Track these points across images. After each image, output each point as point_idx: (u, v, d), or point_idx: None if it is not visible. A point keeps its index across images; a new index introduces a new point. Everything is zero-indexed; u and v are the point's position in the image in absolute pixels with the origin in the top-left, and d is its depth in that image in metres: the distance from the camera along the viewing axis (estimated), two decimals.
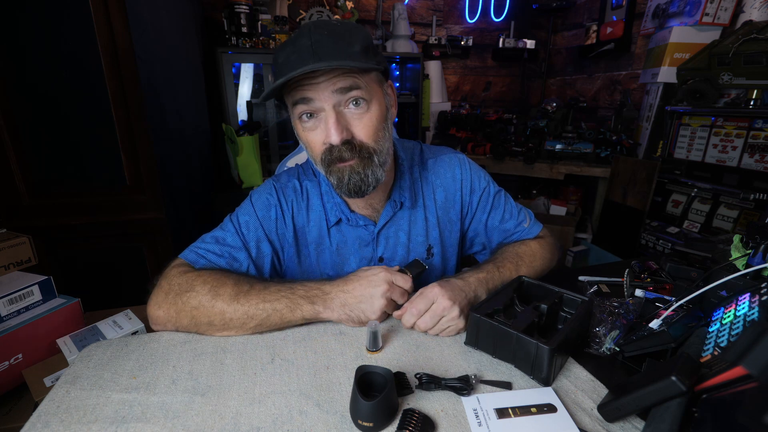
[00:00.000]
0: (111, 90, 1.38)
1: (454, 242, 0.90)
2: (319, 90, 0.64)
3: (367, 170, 0.68)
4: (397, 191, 0.82)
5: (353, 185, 0.69)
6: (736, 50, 1.59)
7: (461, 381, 0.55)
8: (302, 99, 0.66)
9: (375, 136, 0.69)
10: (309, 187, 0.83)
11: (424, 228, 0.86)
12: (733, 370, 0.41)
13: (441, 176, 0.87)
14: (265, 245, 0.79)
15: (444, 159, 0.88)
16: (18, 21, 1.27)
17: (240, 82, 2.43)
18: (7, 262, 0.99)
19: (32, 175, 1.40)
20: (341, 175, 0.69)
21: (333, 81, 0.64)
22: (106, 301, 1.15)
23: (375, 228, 0.82)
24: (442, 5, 3.02)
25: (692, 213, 1.90)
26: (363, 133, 0.68)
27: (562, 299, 0.70)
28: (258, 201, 0.80)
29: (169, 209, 1.56)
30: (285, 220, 0.80)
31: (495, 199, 0.90)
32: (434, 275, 0.89)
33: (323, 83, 0.64)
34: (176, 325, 0.68)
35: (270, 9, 2.44)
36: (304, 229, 0.82)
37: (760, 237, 0.70)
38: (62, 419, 0.51)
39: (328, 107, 0.65)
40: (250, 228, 0.78)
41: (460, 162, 0.88)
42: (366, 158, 0.68)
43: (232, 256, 0.76)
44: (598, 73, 2.82)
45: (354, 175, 0.68)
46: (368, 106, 0.67)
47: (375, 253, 0.84)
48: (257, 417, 0.52)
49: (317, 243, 0.83)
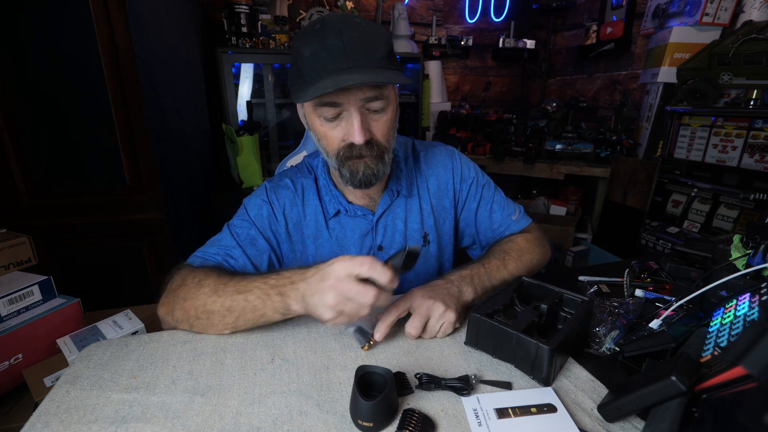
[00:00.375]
0: (111, 90, 1.38)
1: (449, 230, 0.93)
2: (349, 96, 0.67)
3: (378, 166, 0.73)
4: (394, 181, 0.86)
5: (365, 178, 0.73)
6: (736, 50, 1.59)
7: (461, 381, 0.55)
8: (331, 103, 0.68)
9: (389, 136, 0.74)
10: (304, 183, 0.85)
11: (419, 216, 0.89)
12: (733, 370, 0.41)
13: (433, 167, 0.90)
14: (261, 242, 0.80)
15: (435, 151, 0.92)
16: (18, 21, 1.27)
17: (240, 82, 2.43)
18: (7, 262, 0.99)
19: (32, 175, 1.40)
20: (355, 169, 0.73)
21: (362, 89, 0.67)
22: (106, 301, 1.15)
23: (373, 217, 0.85)
24: (442, 5, 3.02)
25: (692, 213, 1.90)
26: (380, 134, 0.72)
27: (562, 299, 0.70)
28: (249, 203, 0.84)
29: (169, 209, 1.56)
30: (276, 217, 0.83)
31: (484, 189, 0.92)
32: (431, 264, 0.92)
33: (353, 90, 0.66)
34: (174, 319, 0.70)
35: (270, 9, 2.44)
36: (301, 223, 0.84)
37: (760, 237, 0.70)
38: (62, 419, 0.51)
39: (354, 110, 0.68)
40: (243, 228, 0.81)
41: (450, 153, 0.92)
42: (379, 156, 0.73)
43: (228, 254, 0.77)
44: (598, 73, 2.82)
45: (367, 170, 0.73)
46: (386, 110, 0.72)
47: (374, 242, 0.86)
48: (257, 417, 0.52)
49: (315, 236, 0.85)
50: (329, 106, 0.68)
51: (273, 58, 2.29)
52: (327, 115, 0.69)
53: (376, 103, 0.69)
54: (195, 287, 0.67)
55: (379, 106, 0.69)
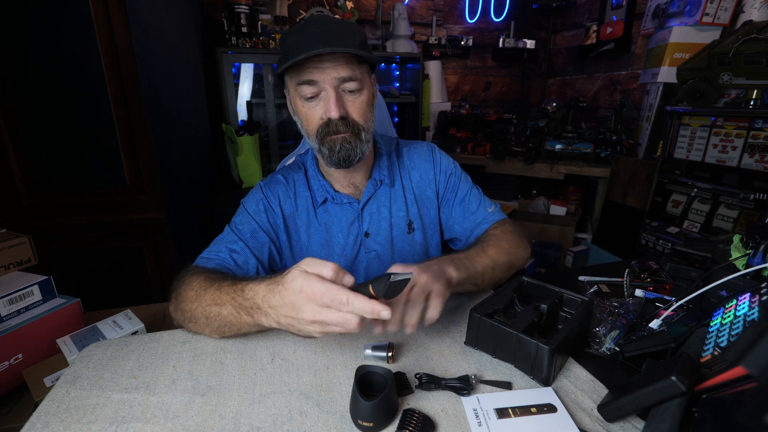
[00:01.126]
0: (111, 90, 1.37)
1: (434, 218, 0.97)
2: (324, 73, 0.73)
3: (355, 143, 0.79)
4: (377, 171, 0.91)
5: (344, 154, 0.78)
6: (736, 50, 1.59)
7: (461, 381, 0.55)
8: (308, 81, 0.74)
9: (364, 117, 0.80)
10: (295, 177, 0.91)
11: (403, 204, 0.93)
12: (733, 370, 0.41)
13: (415, 160, 0.96)
14: (261, 235, 0.84)
15: (417, 146, 0.98)
16: (18, 21, 1.27)
17: (240, 82, 2.43)
18: (7, 262, 0.99)
19: (32, 175, 1.40)
20: (333, 145, 0.78)
21: (337, 69, 0.73)
22: (106, 301, 1.15)
23: (359, 205, 0.89)
24: (442, 5, 3.02)
25: (692, 213, 1.90)
26: (356, 113, 0.78)
27: (562, 299, 0.70)
28: (247, 201, 0.88)
29: (169, 209, 1.56)
30: (273, 209, 0.87)
31: (461, 182, 0.97)
32: (417, 252, 0.94)
33: (328, 69, 0.73)
34: (178, 319, 0.71)
35: (270, 9, 2.44)
36: (294, 215, 0.89)
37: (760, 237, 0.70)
38: (62, 419, 0.51)
39: (330, 88, 0.75)
40: (243, 223, 0.85)
41: (431, 148, 0.98)
42: (356, 133, 0.79)
43: (231, 249, 0.80)
44: (598, 73, 2.82)
45: (345, 144, 0.78)
46: (361, 92, 0.78)
47: (361, 228, 0.90)
48: (257, 417, 0.52)
49: (307, 226, 0.90)
50: (307, 84, 0.74)
51: (273, 58, 2.29)
52: (306, 93, 0.76)
53: (351, 83, 0.75)
54: (185, 290, 0.69)
55: (353, 86, 0.76)
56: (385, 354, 0.62)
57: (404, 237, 0.93)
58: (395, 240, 0.92)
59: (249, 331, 0.65)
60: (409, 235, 0.93)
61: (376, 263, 0.91)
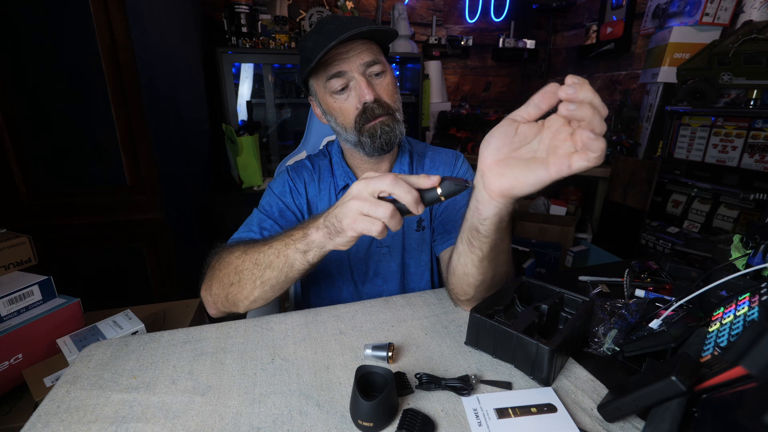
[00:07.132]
0: (111, 90, 1.37)
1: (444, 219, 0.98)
2: (350, 62, 0.76)
3: (393, 125, 0.80)
4: (398, 165, 0.94)
5: (385, 138, 0.80)
6: (736, 50, 1.59)
7: (461, 381, 0.55)
8: (337, 73, 0.77)
9: (393, 97, 0.82)
10: (321, 164, 0.94)
11: None
12: (733, 370, 0.41)
13: (436, 162, 0.97)
14: (288, 214, 0.88)
15: (443, 151, 0.99)
16: (18, 21, 1.27)
17: (240, 82, 2.43)
18: (7, 262, 0.99)
19: (32, 175, 1.40)
20: (374, 131, 0.79)
21: (360, 56, 0.76)
22: (106, 301, 1.15)
23: None
24: (442, 5, 3.02)
25: (692, 213, 1.90)
26: (385, 94, 0.81)
27: (563, 300, 0.70)
28: (274, 183, 0.92)
29: (169, 209, 1.56)
30: (299, 191, 0.90)
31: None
32: (425, 250, 0.95)
33: (353, 57, 0.76)
34: (213, 295, 0.73)
35: (270, 9, 2.44)
36: (316, 198, 0.92)
37: (760, 237, 0.70)
38: (62, 419, 0.51)
39: (358, 75, 0.77)
40: (272, 205, 0.88)
41: (457, 156, 0.99)
42: (391, 114, 0.80)
43: (261, 227, 0.83)
44: (598, 73, 2.82)
45: (385, 128, 0.79)
46: (385, 74, 0.81)
47: None
48: (257, 417, 0.52)
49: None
50: (336, 77, 0.77)
51: (273, 58, 2.29)
52: (336, 87, 0.78)
53: (376, 66, 0.78)
54: (227, 256, 0.72)
55: (378, 69, 0.79)
56: (385, 354, 0.62)
57: (413, 234, 0.94)
58: (405, 236, 0.93)
59: (291, 261, 0.64)
60: (417, 232, 0.94)
61: (387, 258, 0.93)
